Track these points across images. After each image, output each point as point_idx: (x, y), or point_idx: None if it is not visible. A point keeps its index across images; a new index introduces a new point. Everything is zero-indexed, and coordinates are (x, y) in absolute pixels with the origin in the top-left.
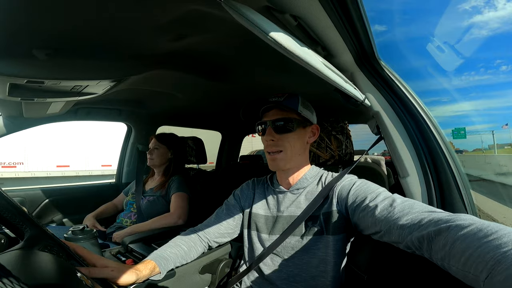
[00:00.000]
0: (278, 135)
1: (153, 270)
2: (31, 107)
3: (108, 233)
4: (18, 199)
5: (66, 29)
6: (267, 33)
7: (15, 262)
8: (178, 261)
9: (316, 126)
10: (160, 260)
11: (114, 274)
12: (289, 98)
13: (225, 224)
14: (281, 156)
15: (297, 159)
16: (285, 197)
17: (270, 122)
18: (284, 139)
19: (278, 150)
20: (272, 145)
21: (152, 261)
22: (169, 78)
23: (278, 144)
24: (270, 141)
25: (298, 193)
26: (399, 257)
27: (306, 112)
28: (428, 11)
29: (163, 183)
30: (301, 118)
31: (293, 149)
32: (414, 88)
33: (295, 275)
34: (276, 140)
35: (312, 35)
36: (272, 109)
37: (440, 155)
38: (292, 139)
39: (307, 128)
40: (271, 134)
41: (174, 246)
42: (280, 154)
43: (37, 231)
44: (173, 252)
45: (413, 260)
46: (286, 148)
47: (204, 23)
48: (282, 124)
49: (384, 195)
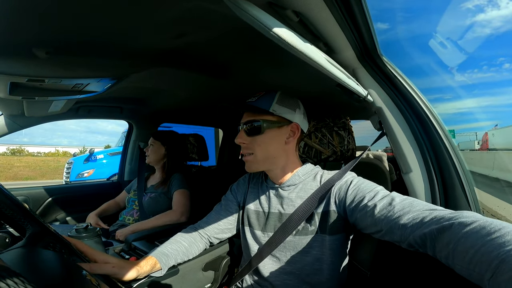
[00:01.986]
0: (249, 138)
1: (154, 266)
2: (32, 105)
3: (111, 231)
4: (21, 198)
5: (66, 27)
6: (270, 29)
7: (18, 260)
8: (179, 257)
9: (295, 124)
10: (161, 256)
11: (115, 270)
12: (263, 97)
13: (224, 220)
14: (251, 159)
15: (272, 161)
16: (277, 194)
17: (242, 125)
18: (254, 142)
19: (248, 153)
20: (244, 147)
21: (153, 257)
22: (170, 75)
23: (248, 147)
24: (242, 143)
25: (290, 190)
26: (402, 254)
27: (283, 110)
28: (431, 10)
29: (164, 180)
30: (274, 119)
31: (265, 151)
32: (418, 85)
33: (288, 272)
34: (247, 142)
35: (314, 31)
36: (246, 111)
37: (443, 151)
38: (262, 142)
39: (283, 128)
40: (241, 136)
41: (174, 243)
42: (250, 156)
43: (38, 228)
44: (174, 248)
45: (417, 256)
46: (256, 150)
47: (206, 20)
48: (251, 126)
49: (382, 193)
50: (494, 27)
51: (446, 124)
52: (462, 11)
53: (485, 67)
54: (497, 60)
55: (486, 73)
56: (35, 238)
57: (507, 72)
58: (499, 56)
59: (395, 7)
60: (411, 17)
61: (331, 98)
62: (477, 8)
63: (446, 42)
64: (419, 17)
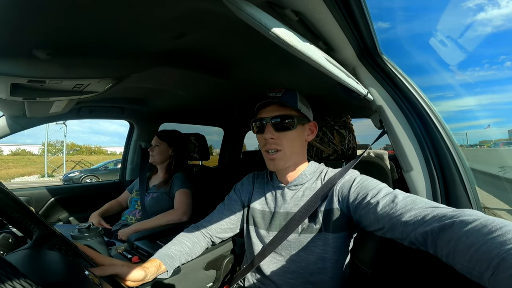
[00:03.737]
0: (277, 133)
1: (159, 268)
2: (33, 106)
3: (114, 231)
4: (24, 198)
5: (67, 28)
6: (269, 29)
7: (25, 262)
8: (183, 258)
9: (314, 123)
10: (165, 258)
11: (125, 269)
12: (287, 93)
13: (227, 219)
14: (280, 156)
15: (295, 157)
16: (283, 193)
17: (269, 119)
18: (283, 138)
19: (277, 149)
20: (271, 143)
21: (157, 260)
22: (170, 75)
23: (277, 143)
24: (270, 139)
25: (296, 189)
26: (403, 252)
27: (304, 108)
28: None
29: (167, 180)
30: (300, 115)
31: (292, 148)
32: (419, 83)
33: (292, 271)
34: (276, 138)
35: (313, 30)
36: (269, 105)
37: (444, 149)
38: (291, 138)
39: (305, 125)
40: (270, 131)
41: (178, 244)
42: (279, 153)
43: (45, 230)
44: (178, 249)
45: (418, 255)
46: (285, 147)
47: (206, 20)
48: (282, 121)
49: (385, 191)
50: (495, 25)
51: (448, 122)
52: (463, 10)
53: (487, 65)
54: (498, 58)
55: (487, 71)
56: (42, 240)
57: (509, 70)
58: (500, 54)
59: (395, 6)
60: (412, 16)
61: (331, 96)
62: (478, 7)
63: (446, 41)
64: (420, 16)
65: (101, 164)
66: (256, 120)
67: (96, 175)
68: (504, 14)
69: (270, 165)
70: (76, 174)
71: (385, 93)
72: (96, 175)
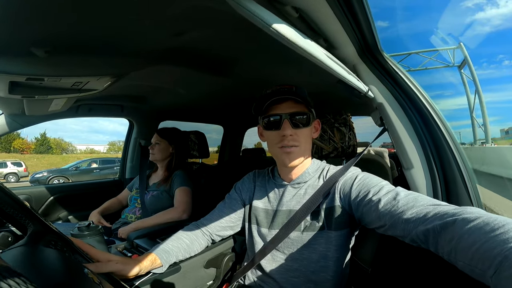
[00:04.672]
0: (294, 130)
1: (153, 262)
2: (32, 104)
3: (114, 229)
4: (23, 197)
5: (65, 26)
6: (269, 25)
7: (19, 259)
8: (180, 254)
9: (317, 121)
10: (161, 252)
11: (120, 266)
12: (299, 90)
13: (227, 217)
14: (297, 151)
15: (307, 154)
16: (286, 191)
17: (287, 116)
18: (300, 134)
19: (293, 145)
20: (290, 139)
21: (152, 254)
22: (170, 73)
23: (295, 139)
24: (290, 136)
25: (299, 187)
26: (403, 251)
27: (312, 105)
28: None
29: (167, 177)
30: (311, 113)
31: (307, 145)
32: (417, 81)
33: (295, 269)
34: (293, 134)
35: (314, 27)
36: (284, 102)
37: (445, 147)
38: (307, 134)
39: (315, 122)
40: (289, 128)
41: (175, 240)
42: (296, 148)
43: (40, 226)
44: (175, 245)
45: (418, 253)
46: (302, 143)
47: (205, 17)
48: (301, 118)
49: (387, 188)
50: (493, 25)
51: (447, 120)
52: (462, 9)
53: (485, 64)
54: (496, 57)
55: (485, 70)
56: (37, 237)
57: (507, 69)
58: (498, 54)
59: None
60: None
61: (332, 94)
62: (477, 6)
63: (447, 38)
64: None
65: (72, 164)
66: (270, 116)
67: (65, 176)
68: (502, 14)
69: (286, 160)
70: (44, 175)
71: (385, 90)
72: (66, 176)
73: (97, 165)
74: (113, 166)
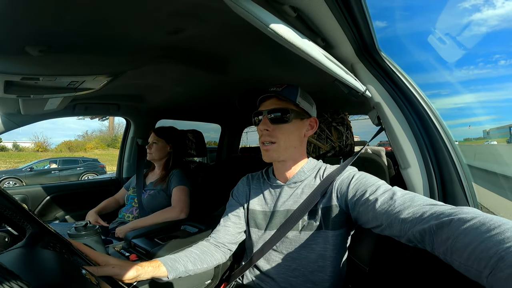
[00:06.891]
0: (273, 125)
1: (156, 268)
2: (28, 104)
3: (111, 229)
4: (19, 197)
5: (59, 25)
6: (267, 25)
7: (18, 261)
8: (190, 263)
9: (314, 119)
10: (167, 260)
11: (116, 271)
12: (287, 88)
13: (233, 225)
14: (274, 147)
15: (292, 151)
16: (282, 191)
17: (266, 112)
18: (278, 130)
19: (271, 141)
20: (266, 135)
21: (157, 260)
22: (167, 72)
23: (272, 135)
24: (265, 131)
25: (295, 187)
26: (401, 250)
27: (305, 103)
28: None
29: (164, 177)
30: (299, 110)
31: (288, 141)
32: (415, 81)
33: (293, 269)
34: (270, 130)
35: (312, 27)
36: (269, 99)
37: (442, 146)
38: (287, 131)
39: (304, 120)
40: (266, 123)
41: (183, 251)
42: (274, 145)
43: (38, 228)
44: (183, 254)
45: (415, 252)
46: (280, 139)
47: (202, 15)
48: (278, 115)
49: (384, 188)
50: (490, 25)
51: (444, 119)
52: (459, 10)
53: (481, 64)
54: (493, 57)
55: (482, 69)
56: (35, 238)
57: (503, 68)
58: (495, 53)
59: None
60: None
61: (329, 93)
62: (474, 7)
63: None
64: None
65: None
66: (256, 113)
67: (18, 177)
68: (499, 14)
69: (264, 156)
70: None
71: (383, 90)
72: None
73: (57, 165)
74: (76, 167)
